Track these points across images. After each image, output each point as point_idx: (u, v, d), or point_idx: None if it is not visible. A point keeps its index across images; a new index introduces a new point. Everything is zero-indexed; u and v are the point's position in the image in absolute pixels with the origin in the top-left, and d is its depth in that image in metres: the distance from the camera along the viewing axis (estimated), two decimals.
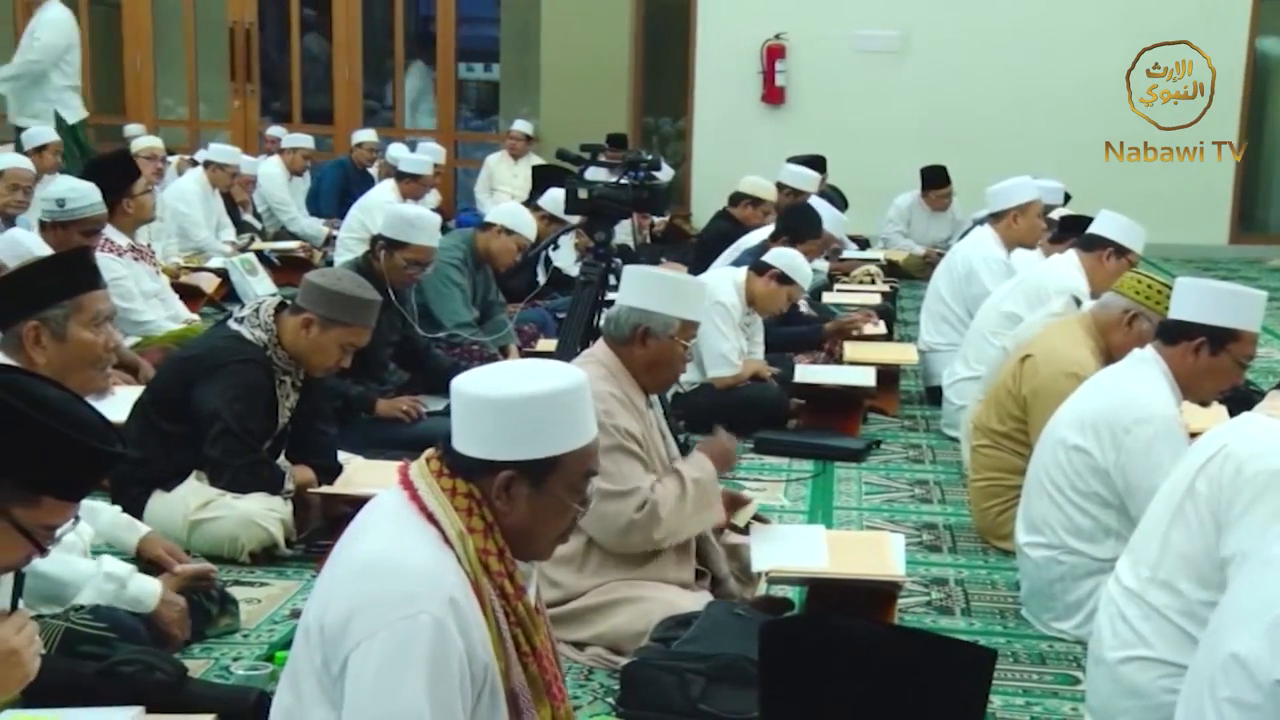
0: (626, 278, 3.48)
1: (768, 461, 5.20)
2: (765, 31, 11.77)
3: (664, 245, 9.72)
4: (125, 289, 5.70)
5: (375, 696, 1.90)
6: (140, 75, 12.78)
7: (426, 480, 2.06)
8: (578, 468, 2.07)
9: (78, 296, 3.03)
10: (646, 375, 3.35)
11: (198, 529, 3.82)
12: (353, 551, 2.05)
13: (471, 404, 2.03)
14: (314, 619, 2.01)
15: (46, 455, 2.01)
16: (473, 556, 2.01)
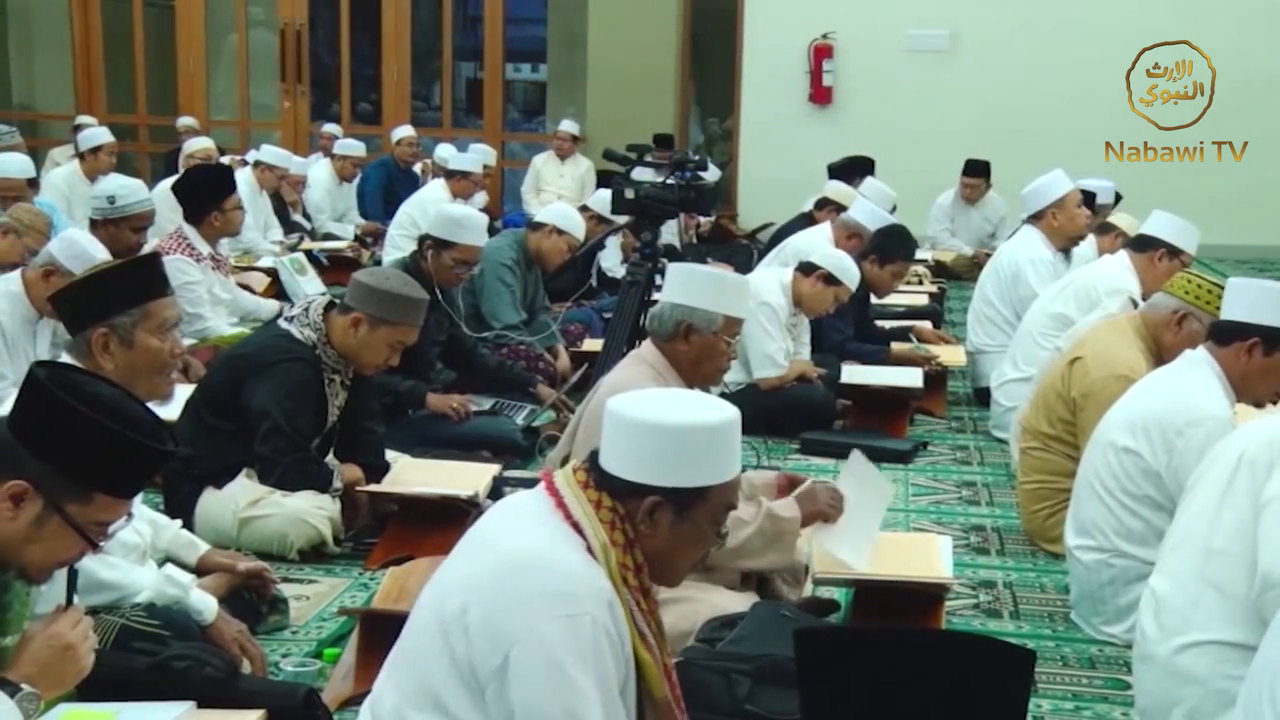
0: (670, 274, 3.49)
1: (814, 462, 5.18)
2: (813, 31, 11.73)
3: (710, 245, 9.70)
4: (196, 295, 5.78)
5: (549, 690, 1.93)
6: (193, 76, 12.92)
7: (573, 490, 2.09)
8: (721, 500, 2.10)
9: (146, 304, 3.06)
10: (691, 372, 3.35)
11: (247, 526, 3.85)
12: (497, 550, 2.06)
13: (628, 426, 2.06)
14: (452, 612, 2.01)
15: (98, 452, 2.05)
16: (614, 569, 2.04)
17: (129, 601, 2.88)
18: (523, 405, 5.35)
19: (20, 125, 9.76)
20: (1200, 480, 2.91)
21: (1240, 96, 10.26)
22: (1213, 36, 10.02)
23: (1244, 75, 10.35)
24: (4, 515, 2.05)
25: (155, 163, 12.40)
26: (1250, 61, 10.57)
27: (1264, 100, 10.67)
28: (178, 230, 6.06)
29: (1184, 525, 2.90)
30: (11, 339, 4.41)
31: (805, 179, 9.88)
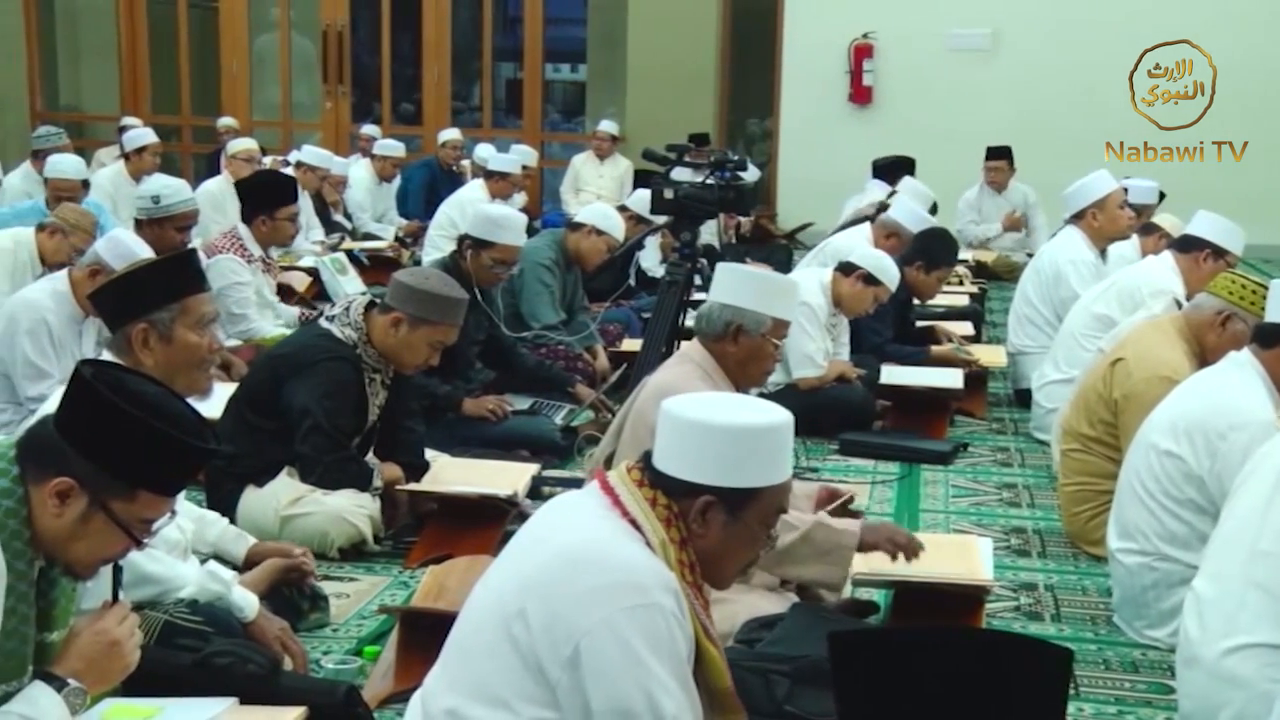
0: (719, 275, 3.48)
1: (853, 463, 5.16)
2: (853, 30, 11.69)
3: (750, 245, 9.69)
4: (244, 296, 5.84)
5: (626, 677, 1.95)
6: (235, 77, 13.03)
7: (628, 488, 2.12)
8: (773, 502, 2.12)
9: (184, 299, 3.08)
10: (738, 373, 3.35)
11: (289, 524, 3.87)
12: (554, 545, 2.08)
13: (683, 427, 2.09)
14: (513, 608, 2.03)
15: (142, 450, 2.06)
16: (673, 565, 2.06)
17: (173, 596, 2.91)
18: (561, 405, 5.36)
19: (67, 127, 9.88)
20: (1245, 483, 2.88)
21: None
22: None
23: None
24: (50, 511, 2.07)
25: (198, 163, 12.50)
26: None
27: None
28: (233, 230, 6.11)
29: (1229, 528, 2.87)
30: (58, 338, 4.46)
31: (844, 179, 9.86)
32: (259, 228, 5.95)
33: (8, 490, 2.07)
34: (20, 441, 2.14)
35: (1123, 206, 5.92)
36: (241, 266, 5.86)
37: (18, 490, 2.08)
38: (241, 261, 5.87)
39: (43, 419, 2.18)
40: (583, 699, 1.98)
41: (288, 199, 6.09)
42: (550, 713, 2.01)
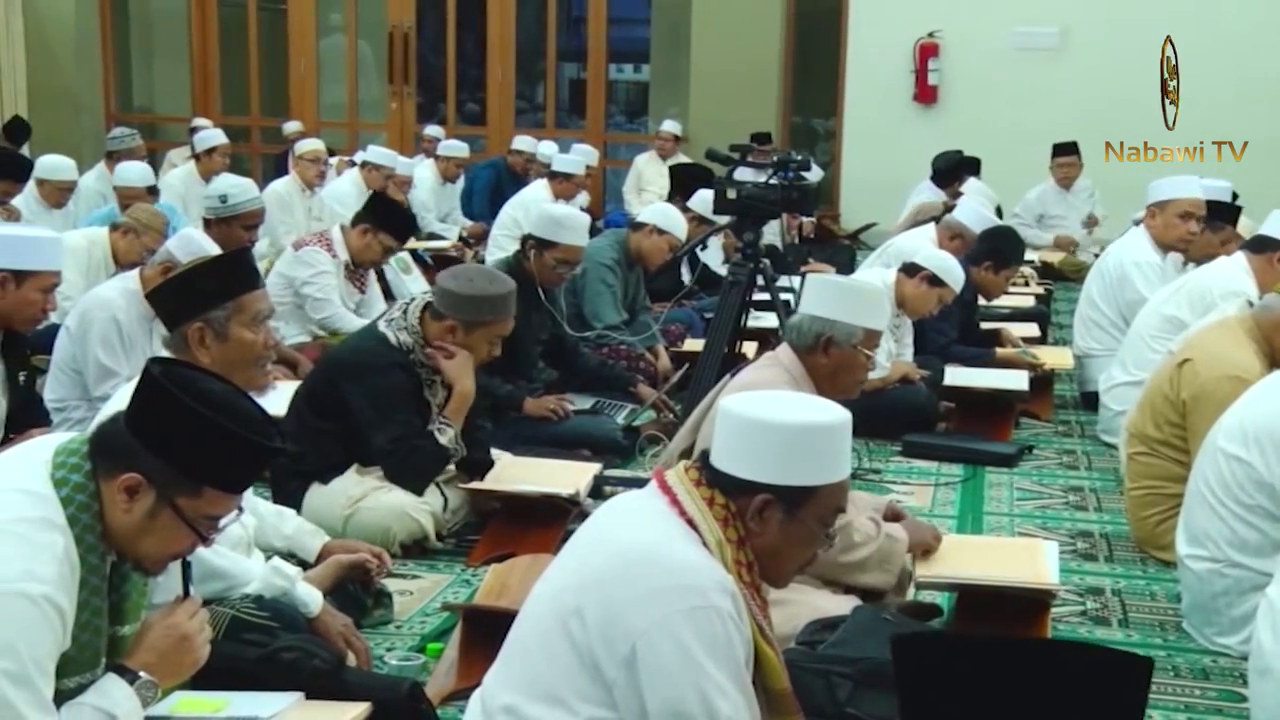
0: (809, 286, 3.45)
1: (916, 465, 5.12)
2: (918, 30, 11.60)
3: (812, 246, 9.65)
4: (327, 283, 5.86)
5: (682, 678, 1.95)
6: (303, 78, 13.19)
7: (685, 487, 2.12)
8: (831, 501, 2.12)
9: (238, 297, 3.12)
10: (828, 384, 3.32)
11: (352, 520, 3.91)
12: (613, 546, 2.09)
13: (741, 425, 2.09)
14: (570, 607, 2.05)
15: (208, 447, 2.09)
16: (729, 564, 2.06)
17: (240, 590, 2.95)
18: (623, 405, 5.37)
19: (140, 128, 10.05)
20: None
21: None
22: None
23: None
24: (119, 507, 2.10)
25: (266, 164, 12.67)
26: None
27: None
28: (327, 231, 6.17)
29: None
30: (129, 336, 4.52)
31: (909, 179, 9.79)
32: (357, 235, 5.93)
33: (80, 485, 2.11)
34: (92, 438, 2.17)
35: (1185, 217, 5.67)
36: (326, 259, 5.90)
37: (90, 486, 2.11)
38: (326, 254, 5.92)
39: (113, 415, 2.21)
40: (639, 700, 1.98)
41: (399, 233, 6.05)
42: (607, 712, 2.02)
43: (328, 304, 5.89)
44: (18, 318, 3.88)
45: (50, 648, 2.03)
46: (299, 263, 5.95)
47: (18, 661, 1.97)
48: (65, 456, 2.13)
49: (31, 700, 1.98)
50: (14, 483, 2.10)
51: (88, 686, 2.14)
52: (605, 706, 2.02)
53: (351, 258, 5.99)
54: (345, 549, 3.45)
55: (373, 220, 5.95)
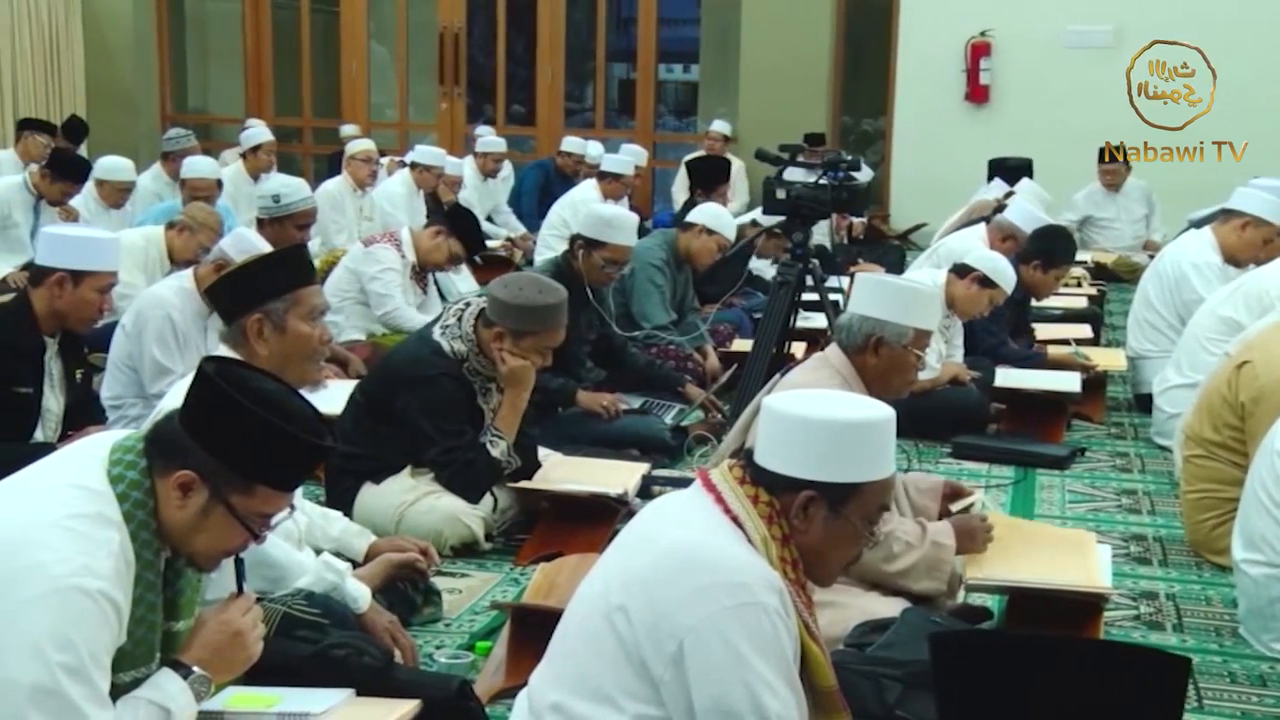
0: (859, 286, 3.43)
1: (966, 466, 5.08)
2: (970, 29, 11.51)
3: (862, 246, 9.61)
4: (391, 280, 5.90)
5: (729, 674, 1.96)
6: (355, 79, 13.29)
7: (730, 485, 2.12)
8: (875, 499, 2.12)
9: (296, 290, 3.16)
10: (879, 384, 3.29)
11: (404, 522, 3.92)
12: (659, 544, 2.09)
13: (784, 422, 2.09)
14: (616, 605, 2.05)
15: (261, 445, 2.11)
16: (775, 562, 2.07)
17: (292, 582, 2.98)
18: (671, 405, 5.37)
19: (195, 129, 10.17)
20: None
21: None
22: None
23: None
24: (174, 503, 2.13)
25: (319, 164, 12.78)
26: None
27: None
28: (396, 231, 6.22)
29: None
30: (183, 334, 4.57)
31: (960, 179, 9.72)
32: (428, 236, 5.99)
33: (136, 482, 2.13)
34: (147, 435, 2.20)
35: (1268, 242, 5.58)
36: (394, 256, 5.95)
37: (145, 483, 2.14)
38: (394, 252, 5.97)
39: (168, 413, 2.23)
40: (686, 697, 1.99)
41: (470, 243, 6.08)
42: (655, 710, 2.02)
43: (390, 299, 5.92)
44: (74, 317, 3.93)
45: (106, 642, 2.05)
46: (368, 258, 6.00)
47: (75, 655, 1.99)
48: (121, 454, 2.16)
49: (88, 694, 2.01)
50: (71, 479, 2.13)
51: (143, 681, 2.17)
52: (652, 704, 2.02)
53: (418, 259, 6.03)
54: (393, 547, 3.47)
55: (448, 225, 6.01)
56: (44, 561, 2.01)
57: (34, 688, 1.97)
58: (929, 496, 3.49)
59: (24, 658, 1.98)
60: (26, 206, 7.34)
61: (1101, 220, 9.83)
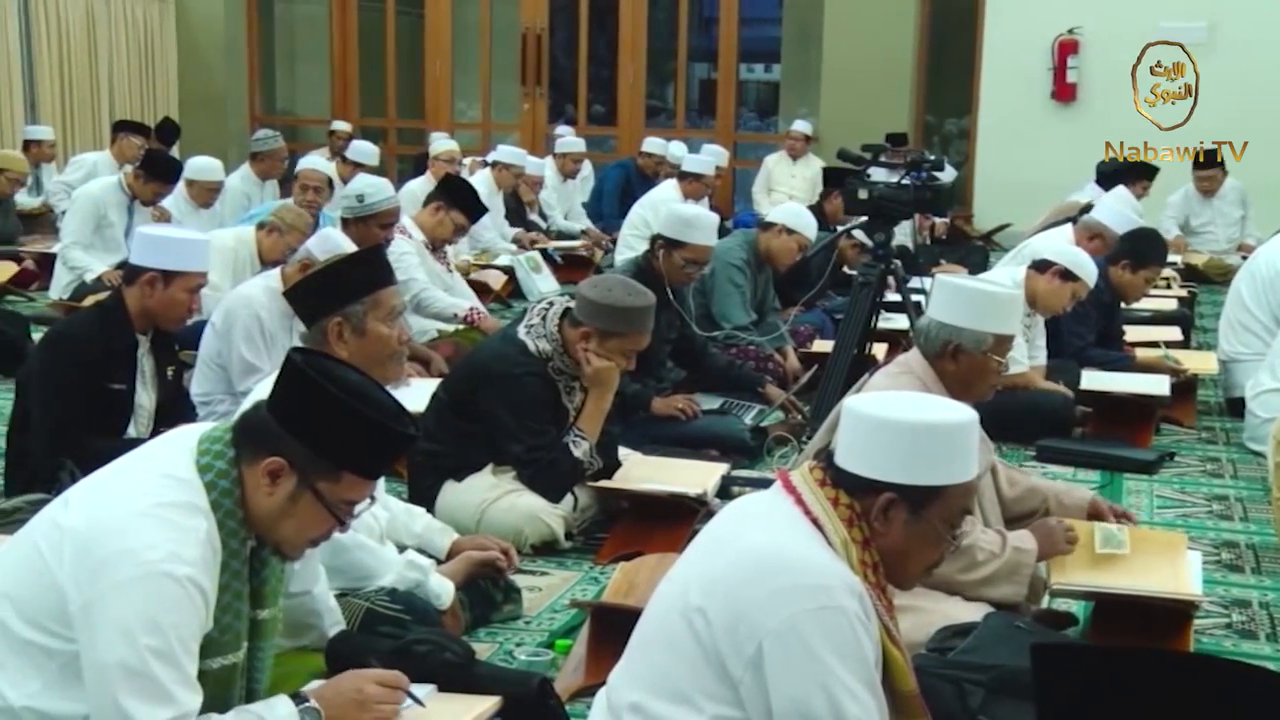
0: (936, 290, 3.36)
1: (1051, 470, 5.00)
2: (1058, 26, 11.35)
3: (945, 247, 9.51)
4: (409, 264, 5.93)
5: (808, 677, 1.95)
6: (439, 81, 13.42)
7: (810, 487, 2.12)
8: (957, 502, 2.10)
9: (376, 292, 3.19)
10: (960, 390, 3.21)
11: (485, 520, 3.95)
12: (738, 546, 2.09)
13: (865, 424, 2.08)
14: (695, 606, 2.05)
15: (349, 433, 2.14)
16: (855, 564, 2.06)
17: (379, 579, 3.02)
18: (751, 405, 5.35)
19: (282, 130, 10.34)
20: None
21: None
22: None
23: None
24: (262, 490, 2.16)
25: (403, 164, 12.92)
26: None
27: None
28: None
29: None
30: (270, 333, 4.64)
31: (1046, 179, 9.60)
32: (429, 213, 6.13)
33: (223, 472, 2.17)
34: (235, 425, 2.24)
35: None
36: (402, 242, 5.99)
37: (233, 472, 2.18)
38: (402, 238, 6.02)
39: (256, 403, 2.28)
40: (765, 700, 1.98)
41: (469, 211, 6.24)
42: (734, 710, 2.01)
43: (414, 281, 5.93)
44: (164, 316, 4.01)
45: (194, 628, 2.09)
46: None
47: (164, 639, 2.04)
48: (209, 444, 2.20)
49: (177, 677, 2.05)
50: (161, 469, 2.18)
51: (230, 668, 2.21)
52: (731, 705, 2.01)
53: (426, 237, 6.13)
54: (475, 545, 3.50)
55: (445, 198, 6.13)
56: (134, 548, 2.06)
57: (124, 670, 2.02)
58: (1073, 514, 3.43)
59: (114, 640, 2.03)
60: (121, 206, 7.50)
61: (1196, 225, 9.64)
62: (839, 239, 6.45)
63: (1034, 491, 3.55)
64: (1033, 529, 3.32)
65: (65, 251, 7.42)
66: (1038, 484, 3.61)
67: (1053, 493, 3.54)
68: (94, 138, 11.59)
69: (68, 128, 11.47)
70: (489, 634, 3.41)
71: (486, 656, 3.14)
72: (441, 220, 6.11)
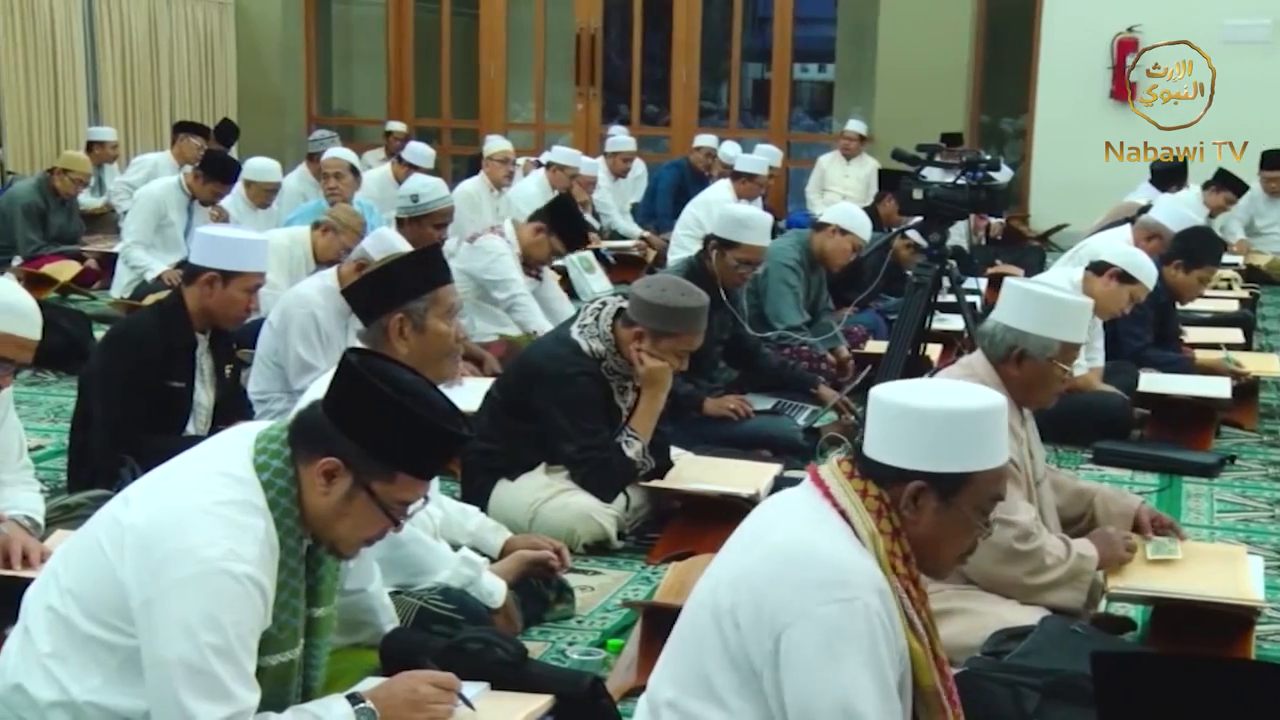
0: (1005, 293, 3.31)
1: (1108, 473, 4.95)
2: (1117, 24, 11.21)
3: (1000, 247, 9.43)
4: (507, 265, 5.93)
5: (819, 673, 1.95)
6: (493, 81, 13.48)
7: (838, 480, 2.11)
8: (987, 489, 2.09)
9: (435, 290, 3.22)
10: (1022, 395, 3.21)
11: (537, 519, 3.97)
12: (766, 543, 2.09)
13: (892, 413, 2.08)
14: (724, 603, 2.06)
15: (403, 433, 2.16)
16: (883, 556, 2.05)
17: (434, 576, 3.04)
18: (804, 406, 5.33)
19: (338, 130, 10.44)
20: None
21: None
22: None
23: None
24: (318, 490, 2.18)
25: (457, 164, 12.99)
26: None
27: None
28: (500, 225, 6.30)
29: None
30: (325, 332, 4.69)
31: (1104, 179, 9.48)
32: (530, 232, 6.02)
33: (280, 471, 2.20)
34: (291, 425, 2.26)
35: None
36: (502, 244, 5.98)
37: (289, 471, 2.20)
38: (501, 240, 6.01)
39: (312, 403, 2.29)
40: (780, 694, 1.98)
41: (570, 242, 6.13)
42: (761, 708, 2.02)
43: (512, 283, 5.91)
44: (223, 316, 4.05)
45: (253, 624, 2.12)
46: (478, 252, 6.03)
47: (223, 636, 2.06)
48: (266, 443, 2.22)
49: (235, 674, 2.07)
50: (218, 467, 2.20)
51: (287, 665, 2.23)
52: (759, 701, 2.02)
53: (521, 251, 6.06)
54: (529, 544, 3.52)
55: (550, 221, 6.02)
56: (194, 545, 2.08)
57: (184, 666, 2.05)
58: (1118, 520, 3.39)
59: (174, 637, 2.05)
60: (181, 206, 7.60)
61: (1261, 226, 9.51)
62: (893, 239, 6.40)
63: (1080, 496, 3.52)
64: (1091, 536, 3.28)
65: (126, 251, 7.53)
66: (1083, 488, 3.58)
67: (1100, 498, 3.49)
68: (155, 139, 11.75)
69: (129, 129, 11.64)
70: (541, 633, 3.42)
71: (539, 655, 3.15)
72: (540, 241, 6.00)
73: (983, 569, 3.14)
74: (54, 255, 8.13)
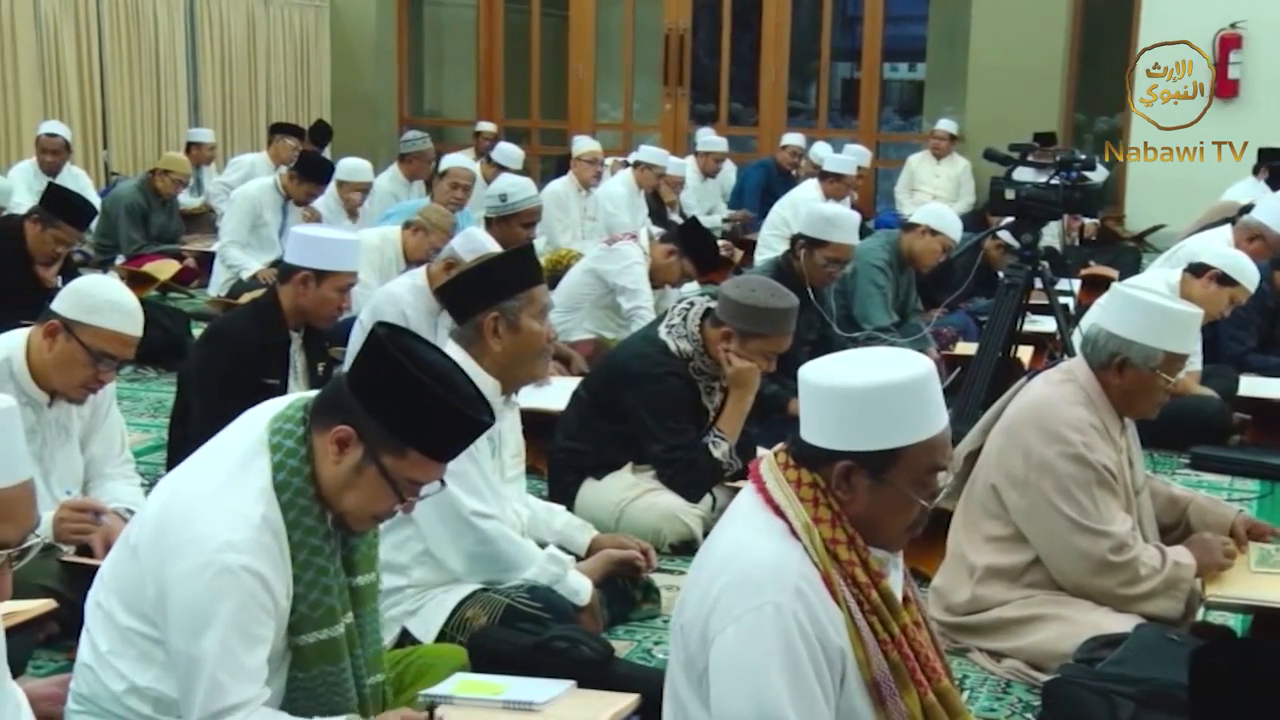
0: (1110, 299, 3.25)
1: (1205, 479, 4.85)
2: (1219, 20, 10.95)
3: (1095, 248, 9.27)
4: (639, 274, 5.92)
5: (736, 687, 1.93)
6: (582, 81, 13.54)
7: (774, 474, 2.07)
8: (921, 460, 2.01)
9: (530, 289, 3.24)
10: (1123, 403, 3.15)
11: (623, 518, 3.98)
12: (712, 550, 2.09)
13: (814, 393, 2.03)
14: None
15: (418, 411, 2.13)
16: (819, 546, 2.00)
17: (522, 573, 3.07)
18: None
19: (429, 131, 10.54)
20: None
21: None
22: None
23: None
24: (330, 458, 2.17)
25: (545, 164, 13.07)
26: None
27: None
28: (638, 233, 6.30)
29: None
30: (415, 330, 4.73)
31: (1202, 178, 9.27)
32: (663, 253, 5.95)
33: (292, 450, 2.18)
34: (316, 397, 2.25)
35: None
36: (638, 252, 5.98)
37: (302, 449, 2.18)
38: (637, 248, 6.02)
39: (337, 375, 2.30)
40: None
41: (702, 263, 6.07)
42: None
43: (639, 293, 5.89)
44: (315, 314, 4.12)
45: (255, 615, 2.10)
46: (613, 255, 6.01)
47: (218, 631, 2.07)
48: (282, 422, 2.21)
49: (233, 668, 2.08)
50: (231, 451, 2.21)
51: (333, 641, 2.21)
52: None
53: (651, 268, 6.03)
54: (615, 544, 3.52)
55: (683, 244, 5.95)
56: (195, 537, 2.09)
57: (187, 660, 2.07)
58: (1212, 529, 3.31)
59: (179, 630, 2.08)
60: (276, 207, 7.74)
61: None
62: (984, 240, 6.33)
63: (1174, 503, 3.45)
64: (1188, 543, 3.21)
65: (223, 250, 7.69)
66: (1177, 495, 3.50)
67: (1194, 507, 3.42)
68: (252, 140, 11.98)
69: (227, 130, 11.87)
70: (627, 632, 3.44)
71: (625, 654, 3.16)
72: (671, 264, 5.96)
73: (1075, 579, 3.09)
74: (154, 254, 8.32)
